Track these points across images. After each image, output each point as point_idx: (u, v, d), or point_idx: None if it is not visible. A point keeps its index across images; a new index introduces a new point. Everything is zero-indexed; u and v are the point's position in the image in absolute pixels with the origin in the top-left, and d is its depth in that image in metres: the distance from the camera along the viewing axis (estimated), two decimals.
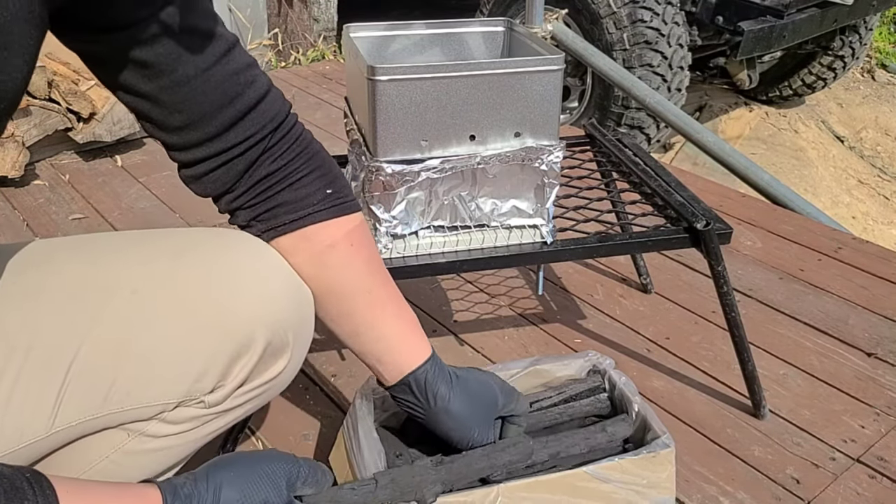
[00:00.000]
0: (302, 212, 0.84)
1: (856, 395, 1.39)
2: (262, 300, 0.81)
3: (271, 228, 0.85)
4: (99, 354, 0.75)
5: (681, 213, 1.24)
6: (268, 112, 0.82)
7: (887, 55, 5.40)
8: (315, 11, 3.72)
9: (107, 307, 0.77)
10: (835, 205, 3.94)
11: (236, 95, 0.79)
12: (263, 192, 0.84)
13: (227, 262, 0.82)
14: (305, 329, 0.87)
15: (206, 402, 0.80)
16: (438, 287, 1.71)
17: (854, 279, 1.75)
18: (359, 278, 0.88)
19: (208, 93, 0.77)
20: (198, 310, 0.78)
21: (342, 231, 0.86)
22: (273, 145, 0.83)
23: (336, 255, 0.86)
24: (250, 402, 0.85)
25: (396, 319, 0.91)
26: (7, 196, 2.14)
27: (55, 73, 2.24)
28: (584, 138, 1.57)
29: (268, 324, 0.80)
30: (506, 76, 1.07)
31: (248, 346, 0.79)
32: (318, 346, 1.51)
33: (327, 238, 0.85)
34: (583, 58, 2.94)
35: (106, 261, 0.81)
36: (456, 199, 1.14)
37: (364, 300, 0.88)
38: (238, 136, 0.80)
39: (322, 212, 0.85)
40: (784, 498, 1.18)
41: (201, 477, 0.70)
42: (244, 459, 0.74)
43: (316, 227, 0.85)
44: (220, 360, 0.79)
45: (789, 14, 3.24)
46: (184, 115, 0.77)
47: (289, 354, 0.84)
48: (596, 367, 1.14)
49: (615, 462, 0.96)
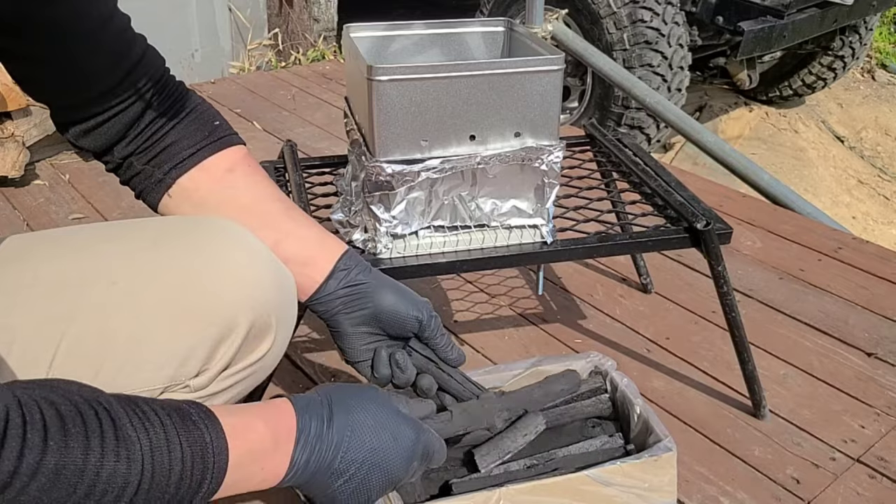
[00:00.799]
0: (194, 147, 0.89)
1: (856, 395, 1.39)
2: (242, 283, 0.82)
3: (171, 168, 0.89)
4: (81, 346, 0.75)
5: (681, 213, 1.24)
6: (151, 64, 0.87)
7: (887, 55, 5.40)
8: (315, 11, 3.72)
9: (87, 299, 0.77)
10: (835, 205, 3.94)
11: (128, 49, 0.84)
12: (154, 134, 0.88)
13: (205, 247, 0.83)
14: (288, 311, 0.88)
15: (191, 385, 0.81)
16: (438, 287, 1.71)
17: (854, 279, 1.75)
18: (266, 189, 0.93)
19: (101, 51, 0.82)
20: (178, 295, 0.79)
21: (237, 156, 0.92)
22: (158, 93, 0.88)
23: (238, 174, 0.91)
24: (236, 385, 0.85)
25: (308, 221, 0.94)
26: (7, 196, 2.14)
27: None
28: (584, 138, 1.57)
29: (250, 306, 0.81)
30: (506, 76, 1.07)
31: (231, 328, 0.80)
32: (317, 346, 1.51)
33: (224, 163, 0.91)
34: (583, 58, 2.94)
35: (84, 254, 0.82)
36: (456, 199, 1.14)
37: (278, 207, 0.93)
38: (128, 89, 0.85)
39: (212, 144, 0.90)
40: (784, 498, 1.18)
41: (323, 395, 0.74)
42: (353, 387, 0.77)
43: (211, 158, 0.90)
44: (203, 344, 0.79)
45: (789, 14, 3.24)
46: (76, 74, 0.82)
47: (272, 336, 0.85)
48: (598, 368, 1.14)
49: (617, 466, 0.96)
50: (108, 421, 0.57)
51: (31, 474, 0.52)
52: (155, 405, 0.62)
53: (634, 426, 1.06)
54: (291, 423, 0.70)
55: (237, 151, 0.92)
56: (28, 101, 2.14)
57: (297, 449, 0.69)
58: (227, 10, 3.48)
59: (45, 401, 0.55)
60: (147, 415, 0.60)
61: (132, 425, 0.58)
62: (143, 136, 0.88)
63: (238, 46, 3.59)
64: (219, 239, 0.84)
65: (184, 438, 0.61)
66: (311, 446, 0.70)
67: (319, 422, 0.71)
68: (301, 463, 0.69)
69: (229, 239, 0.85)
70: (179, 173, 0.89)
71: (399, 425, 0.76)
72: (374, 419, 0.74)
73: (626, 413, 1.07)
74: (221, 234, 0.85)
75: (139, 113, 0.87)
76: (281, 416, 0.70)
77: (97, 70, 0.82)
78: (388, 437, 0.74)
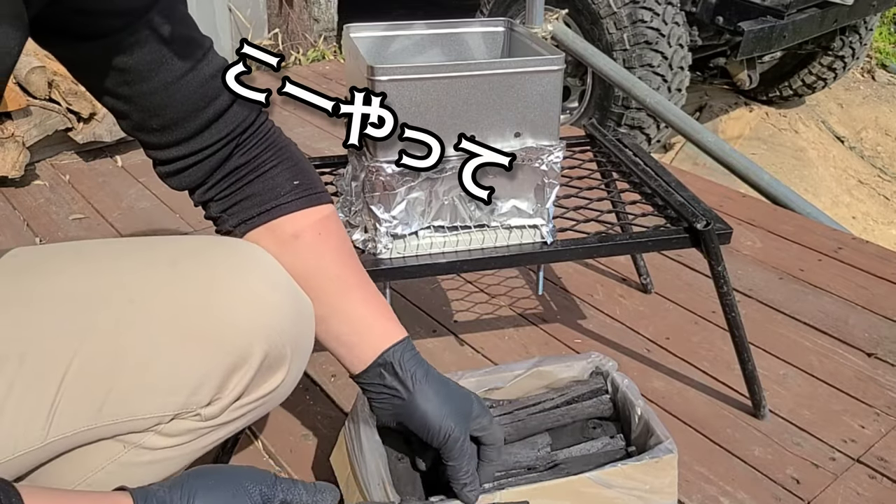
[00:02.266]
0: (268, 204, 0.87)
1: (856, 395, 1.39)
2: (260, 312, 0.79)
3: (241, 222, 0.87)
4: (94, 364, 0.74)
5: (681, 214, 1.24)
6: (240, 112, 0.85)
7: (887, 55, 5.40)
8: (315, 11, 3.72)
9: (102, 316, 0.75)
10: (835, 205, 3.94)
11: (212, 98, 0.82)
12: (233, 185, 0.87)
13: (225, 271, 0.81)
14: (304, 342, 0.86)
15: (202, 414, 0.79)
16: (438, 287, 1.71)
17: (854, 279, 1.75)
18: (326, 266, 0.89)
19: (186, 97, 0.80)
20: (194, 321, 0.77)
21: (309, 221, 0.88)
22: (244, 142, 0.86)
23: (302, 243, 0.87)
24: (247, 414, 0.84)
25: (366, 303, 0.90)
26: (7, 196, 2.14)
27: (55, 73, 2.23)
28: (584, 138, 1.57)
29: (265, 336, 0.79)
30: (506, 76, 1.07)
31: (245, 358, 0.78)
32: (317, 346, 1.51)
33: (291, 228, 0.87)
34: (583, 58, 2.94)
35: (101, 269, 0.80)
36: (456, 199, 1.14)
37: (332, 286, 0.88)
38: (212, 136, 0.84)
39: (288, 203, 0.87)
40: (784, 498, 1.18)
41: (177, 485, 0.66)
42: (224, 472, 0.70)
43: (282, 219, 0.87)
44: (216, 373, 0.77)
45: (789, 14, 3.24)
46: (161, 117, 0.81)
47: (286, 368, 0.83)
48: (598, 368, 1.14)
49: (618, 467, 0.96)
50: None
51: None
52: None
53: (636, 427, 1.05)
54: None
55: (313, 214, 0.88)
56: (28, 101, 2.14)
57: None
58: (227, 10, 3.48)
59: None
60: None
61: None
62: (221, 184, 0.87)
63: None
64: (238, 262, 0.82)
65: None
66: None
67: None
68: None
69: (249, 263, 0.82)
70: (247, 229, 0.87)
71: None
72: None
73: (627, 414, 1.07)
74: (241, 257, 0.83)
75: (221, 160, 0.86)
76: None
77: (176, 118, 0.81)
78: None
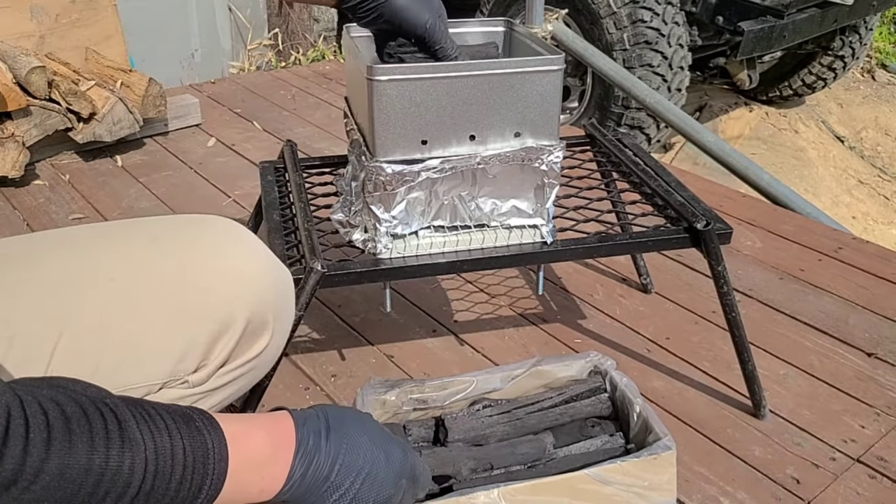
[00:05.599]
0: None
1: (856, 395, 1.39)
2: (239, 280, 0.82)
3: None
4: (81, 342, 0.76)
5: (681, 213, 1.24)
6: None
7: (887, 55, 5.41)
8: (315, 11, 3.72)
9: (86, 296, 0.78)
10: (835, 205, 3.94)
11: None
12: None
13: (204, 244, 0.84)
14: (286, 308, 0.89)
15: (189, 381, 0.82)
16: (438, 287, 1.71)
17: (854, 279, 1.75)
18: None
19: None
20: (176, 292, 0.80)
21: None
22: None
23: None
24: (235, 381, 0.86)
25: None
26: (7, 196, 2.14)
27: (55, 73, 2.23)
28: (584, 138, 1.57)
29: (248, 304, 0.82)
30: (506, 76, 1.07)
31: (229, 325, 0.81)
32: (317, 346, 1.51)
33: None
34: (583, 58, 2.94)
35: (83, 251, 0.82)
36: (456, 199, 1.14)
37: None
38: None
39: None
40: (784, 498, 1.18)
41: (335, 427, 0.74)
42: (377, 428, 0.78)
43: None
44: (201, 340, 0.80)
45: (789, 14, 3.25)
46: None
47: (270, 333, 0.86)
48: (597, 367, 1.14)
49: (616, 464, 0.96)
50: (114, 422, 0.57)
51: (34, 473, 0.52)
52: (160, 409, 0.62)
53: (634, 425, 1.06)
54: (291, 434, 0.71)
55: None
56: (28, 101, 2.14)
57: (296, 460, 0.70)
58: (227, 10, 3.48)
59: (49, 401, 0.55)
60: (153, 417, 0.61)
61: (137, 427, 0.59)
62: None
63: (238, 46, 3.59)
64: (216, 236, 0.85)
65: (187, 442, 0.61)
66: (310, 458, 0.70)
67: (317, 435, 0.72)
68: (298, 474, 0.69)
69: (227, 236, 0.85)
70: None
71: (390, 445, 0.77)
72: (368, 437, 0.75)
73: (625, 412, 1.07)
74: (219, 231, 0.86)
75: None
76: (281, 427, 0.71)
77: None
78: (381, 455, 0.75)
